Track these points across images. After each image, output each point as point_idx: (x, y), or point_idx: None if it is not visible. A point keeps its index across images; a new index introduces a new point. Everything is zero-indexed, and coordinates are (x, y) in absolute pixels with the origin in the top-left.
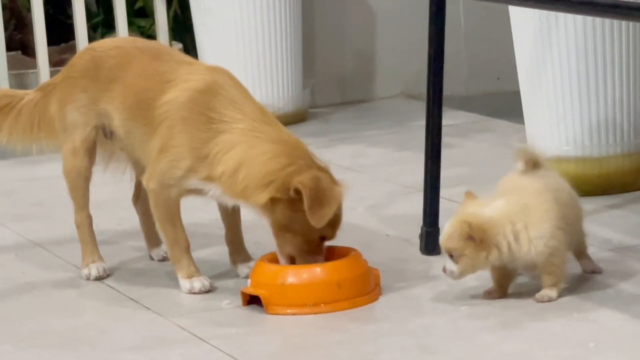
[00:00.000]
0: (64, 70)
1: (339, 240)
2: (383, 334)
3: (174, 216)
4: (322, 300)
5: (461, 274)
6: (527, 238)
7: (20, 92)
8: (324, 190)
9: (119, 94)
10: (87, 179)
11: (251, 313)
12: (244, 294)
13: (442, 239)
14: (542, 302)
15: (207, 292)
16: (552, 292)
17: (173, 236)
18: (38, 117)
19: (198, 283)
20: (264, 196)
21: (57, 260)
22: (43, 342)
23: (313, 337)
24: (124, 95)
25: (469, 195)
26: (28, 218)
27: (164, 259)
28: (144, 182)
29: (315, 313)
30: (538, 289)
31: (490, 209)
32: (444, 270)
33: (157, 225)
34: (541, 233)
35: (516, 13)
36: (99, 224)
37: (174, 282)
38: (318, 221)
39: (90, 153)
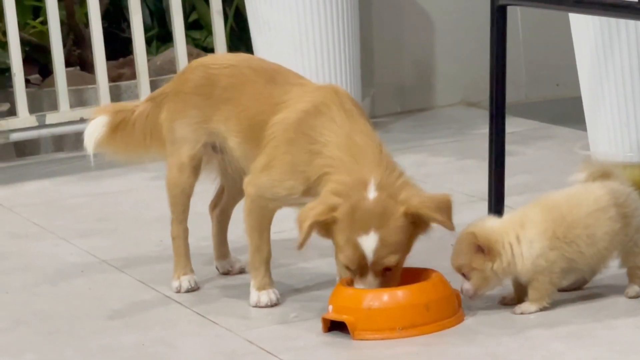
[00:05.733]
0: (175, 82)
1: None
2: (453, 344)
3: (263, 225)
4: (411, 323)
5: (477, 291)
6: (520, 253)
7: (131, 104)
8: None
9: (233, 116)
10: (190, 195)
11: (319, 326)
12: (325, 320)
13: (451, 258)
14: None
15: (274, 306)
16: (531, 307)
17: (258, 244)
18: (150, 127)
19: (265, 297)
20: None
21: (123, 276)
22: (112, 358)
23: (383, 349)
24: (238, 119)
25: None
26: (93, 234)
27: (228, 272)
28: (244, 185)
29: (405, 337)
30: (604, 297)
31: (493, 221)
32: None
33: (245, 230)
34: (531, 251)
35: (577, 19)
36: (162, 240)
37: (239, 296)
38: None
39: (196, 170)
